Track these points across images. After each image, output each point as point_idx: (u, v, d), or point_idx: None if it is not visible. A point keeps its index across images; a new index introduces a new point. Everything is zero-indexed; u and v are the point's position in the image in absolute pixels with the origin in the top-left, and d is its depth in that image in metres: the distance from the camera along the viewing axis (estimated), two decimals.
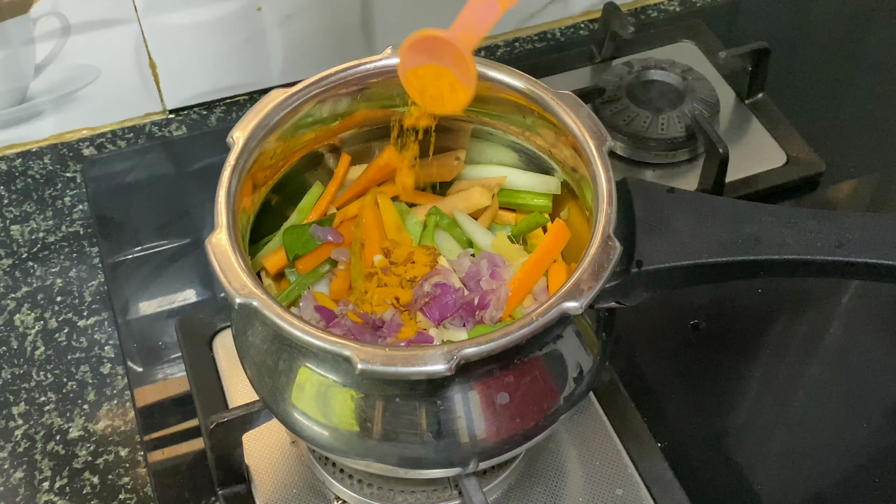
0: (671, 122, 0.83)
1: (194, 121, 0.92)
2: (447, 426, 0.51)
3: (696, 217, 0.54)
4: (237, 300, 0.48)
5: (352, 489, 0.62)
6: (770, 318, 0.75)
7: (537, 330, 0.47)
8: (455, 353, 0.46)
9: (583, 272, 0.49)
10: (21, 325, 0.76)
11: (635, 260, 0.53)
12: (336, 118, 0.61)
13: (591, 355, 0.55)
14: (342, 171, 0.64)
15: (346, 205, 0.63)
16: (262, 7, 0.87)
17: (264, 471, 0.64)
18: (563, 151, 0.59)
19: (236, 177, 0.54)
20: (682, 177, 0.83)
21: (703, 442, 0.68)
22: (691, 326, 0.74)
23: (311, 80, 0.58)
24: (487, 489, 0.62)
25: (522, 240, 0.64)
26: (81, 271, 0.79)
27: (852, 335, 0.74)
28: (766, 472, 0.66)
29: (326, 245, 0.61)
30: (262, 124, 0.56)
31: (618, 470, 0.64)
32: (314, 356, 0.51)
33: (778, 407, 0.70)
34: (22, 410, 0.71)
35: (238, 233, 0.52)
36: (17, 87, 0.86)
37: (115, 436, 0.69)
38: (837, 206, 0.83)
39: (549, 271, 0.59)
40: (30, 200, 0.85)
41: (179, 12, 0.85)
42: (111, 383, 0.72)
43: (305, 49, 0.91)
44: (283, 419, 0.55)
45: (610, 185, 0.53)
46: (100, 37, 0.85)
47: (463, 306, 0.57)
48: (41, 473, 0.67)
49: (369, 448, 0.52)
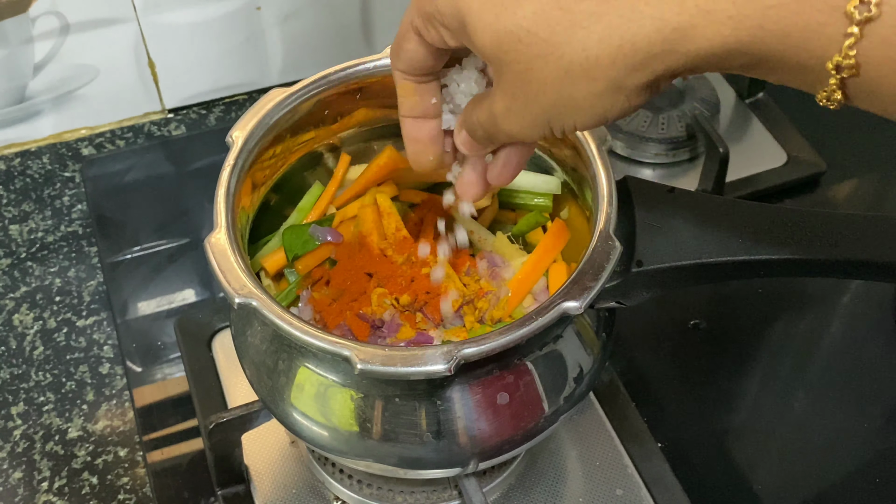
0: (671, 122, 0.83)
1: (193, 120, 0.92)
2: (447, 426, 0.51)
3: (696, 217, 0.53)
4: (236, 300, 0.48)
5: (351, 489, 0.62)
6: (770, 318, 0.75)
7: (537, 330, 0.47)
8: (455, 353, 0.46)
9: (583, 272, 0.49)
10: (20, 325, 0.76)
11: (635, 260, 0.52)
12: (335, 118, 0.61)
13: (591, 355, 0.55)
14: (342, 171, 0.64)
15: (345, 205, 0.63)
16: (261, 6, 0.87)
17: (263, 471, 0.64)
18: (562, 151, 0.59)
19: (235, 176, 0.54)
20: (682, 176, 0.83)
21: (703, 442, 0.67)
22: (691, 326, 0.74)
23: (311, 79, 0.58)
24: (487, 489, 0.62)
25: (522, 240, 0.63)
26: (80, 271, 0.79)
27: (852, 335, 0.74)
28: (766, 472, 0.66)
29: (326, 245, 0.61)
30: (262, 124, 0.56)
31: (618, 470, 0.64)
32: (313, 356, 0.51)
33: (778, 407, 0.70)
34: (21, 410, 0.71)
35: (237, 233, 0.52)
36: (16, 86, 0.86)
37: (114, 436, 0.69)
38: (837, 206, 0.83)
39: (549, 271, 0.59)
40: (28, 200, 0.85)
41: (178, 12, 0.85)
42: (110, 383, 0.72)
43: (305, 48, 0.91)
44: (283, 419, 0.54)
45: (610, 185, 0.53)
46: (99, 36, 0.85)
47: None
48: (40, 473, 0.67)
49: (369, 448, 0.52)
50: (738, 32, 0.34)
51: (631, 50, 0.36)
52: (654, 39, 0.35)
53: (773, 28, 0.34)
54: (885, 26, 0.33)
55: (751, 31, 0.34)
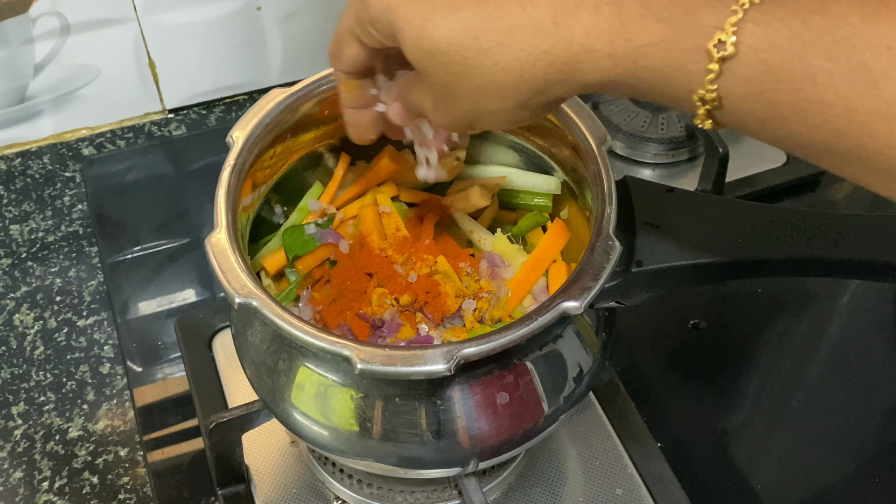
0: (671, 122, 0.83)
1: (194, 120, 0.92)
2: (447, 426, 0.51)
3: (696, 217, 0.54)
4: (237, 300, 0.48)
5: (351, 489, 0.62)
6: (770, 318, 0.75)
7: (537, 330, 0.47)
8: (455, 352, 0.46)
9: (583, 272, 0.49)
10: (20, 325, 0.76)
11: (635, 260, 0.52)
12: (335, 118, 0.61)
13: (591, 355, 0.55)
14: (342, 171, 0.64)
15: (346, 205, 0.63)
16: (261, 7, 0.87)
17: (264, 471, 0.64)
18: (562, 151, 0.59)
19: (236, 176, 0.54)
20: (682, 177, 0.83)
21: (703, 442, 0.67)
22: (691, 326, 0.74)
23: (311, 79, 0.58)
24: (487, 489, 0.62)
25: (522, 240, 0.63)
26: (81, 271, 0.79)
27: (852, 335, 0.74)
28: (766, 472, 0.66)
29: (326, 245, 0.61)
30: (262, 124, 0.56)
31: (618, 470, 0.64)
32: (314, 356, 0.51)
33: (778, 407, 0.70)
34: (21, 410, 0.71)
35: (238, 232, 0.52)
36: (17, 86, 0.86)
37: (115, 436, 0.69)
38: (837, 206, 0.83)
39: (549, 271, 0.59)
40: (29, 200, 0.85)
41: (179, 12, 0.85)
42: (110, 383, 0.72)
43: (305, 48, 0.91)
44: (283, 419, 0.55)
45: (610, 185, 0.53)
46: (99, 36, 0.85)
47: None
48: (41, 473, 0.67)
49: (369, 448, 0.52)
50: (616, 68, 0.39)
51: (531, 78, 0.41)
52: (549, 71, 0.40)
53: (645, 64, 0.39)
54: (742, 63, 0.36)
55: (627, 67, 0.39)
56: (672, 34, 0.38)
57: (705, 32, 0.37)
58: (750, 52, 0.36)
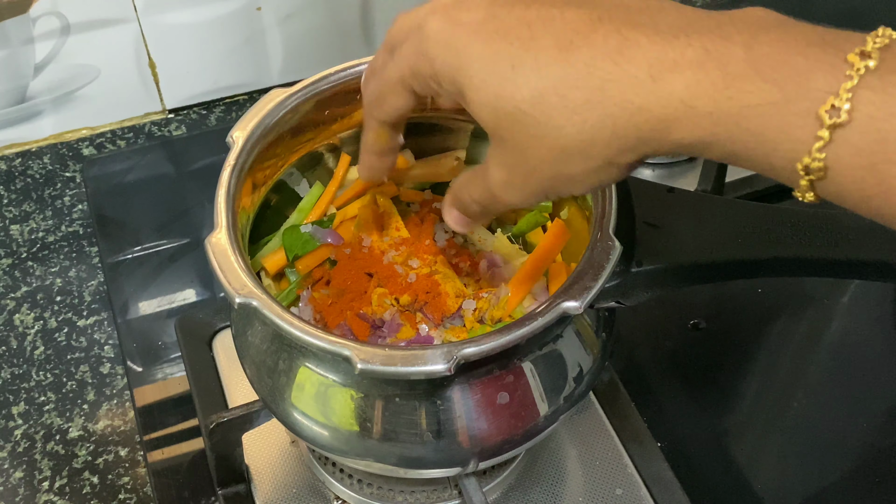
0: None
1: (194, 120, 0.92)
2: (447, 426, 0.51)
3: (696, 217, 0.54)
4: (237, 300, 0.48)
5: (352, 489, 0.62)
6: (770, 318, 0.75)
7: (537, 330, 0.47)
8: (455, 352, 0.46)
9: (583, 272, 0.49)
10: (20, 325, 0.76)
11: (635, 260, 0.52)
12: (335, 118, 0.61)
13: (591, 355, 0.55)
14: (342, 171, 0.64)
15: (346, 205, 0.63)
16: (261, 7, 0.87)
17: (264, 471, 0.64)
18: None
19: (236, 176, 0.54)
20: (682, 177, 0.83)
21: (703, 442, 0.67)
22: (691, 326, 0.74)
23: (311, 79, 0.58)
24: (487, 489, 0.62)
25: (522, 240, 0.63)
26: (81, 271, 0.79)
27: (852, 335, 0.74)
28: (766, 472, 0.66)
29: (326, 245, 0.61)
30: (262, 124, 0.56)
31: (618, 470, 0.64)
32: (314, 356, 0.51)
33: (778, 407, 0.70)
34: (21, 410, 0.71)
35: (238, 233, 0.52)
36: (17, 86, 0.86)
37: (115, 435, 0.69)
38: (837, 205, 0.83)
39: (549, 271, 0.59)
40: (29, 200, 0.85)
41: (179, 12, 0.85)
42: (111, 383, 0.72)
43: (305, 49, 0.91)
44: (283, 419, 0.55)
45: (610, 185, 0.53)
46: (99, 36, 0.85)
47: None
48: (41, 473, 0.67)
49: (369, 448, 0.52)
50: (714, 128, 0.36)
51: (623, 135, 0.38)
52: (643, 128, 0.37)
53: (748, 126, 0.36)
54: (856, 132, 0.34)
55: (727, 127, 0.36)
56: (781, 96, 0.35)
57: (817, 97, 0.34)
58: (865, 120, 0.33)
